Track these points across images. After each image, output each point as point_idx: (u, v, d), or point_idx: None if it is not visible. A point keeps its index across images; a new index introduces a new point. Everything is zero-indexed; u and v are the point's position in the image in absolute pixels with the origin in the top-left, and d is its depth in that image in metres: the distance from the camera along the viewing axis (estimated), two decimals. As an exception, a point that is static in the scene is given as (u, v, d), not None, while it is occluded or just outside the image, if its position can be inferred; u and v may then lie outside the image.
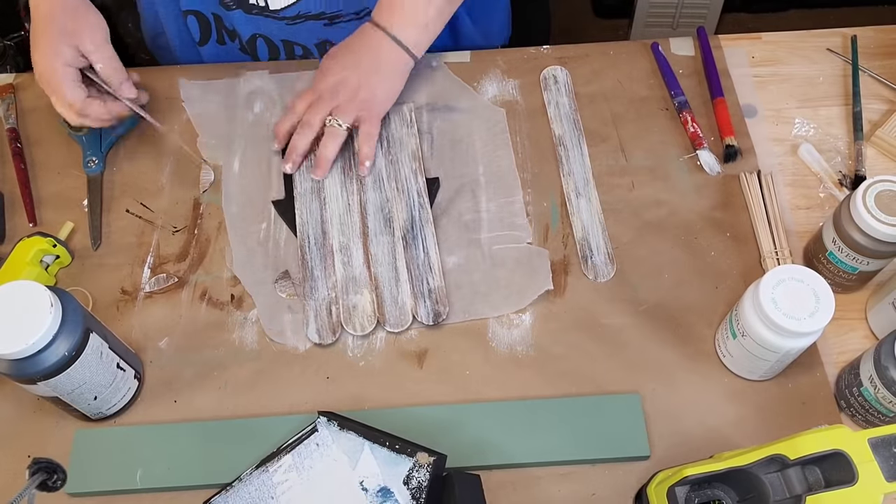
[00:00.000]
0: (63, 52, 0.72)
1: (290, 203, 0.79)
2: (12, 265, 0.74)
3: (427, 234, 0.77)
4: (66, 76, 0.73)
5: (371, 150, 0.79)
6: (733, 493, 0.60)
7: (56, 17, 0.73)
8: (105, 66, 0.74)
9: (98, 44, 0.73)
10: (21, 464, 0.67)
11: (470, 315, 0.74)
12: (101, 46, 0.73)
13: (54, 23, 0.72)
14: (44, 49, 0.72)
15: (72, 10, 0.74)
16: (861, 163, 0.81)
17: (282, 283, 0.76)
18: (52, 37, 0.72)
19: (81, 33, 0.72)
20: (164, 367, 0.73)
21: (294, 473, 0.64)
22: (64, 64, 0.72)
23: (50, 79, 0.73)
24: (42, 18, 0.73)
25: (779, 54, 0.90)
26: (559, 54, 0.90)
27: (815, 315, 0.62)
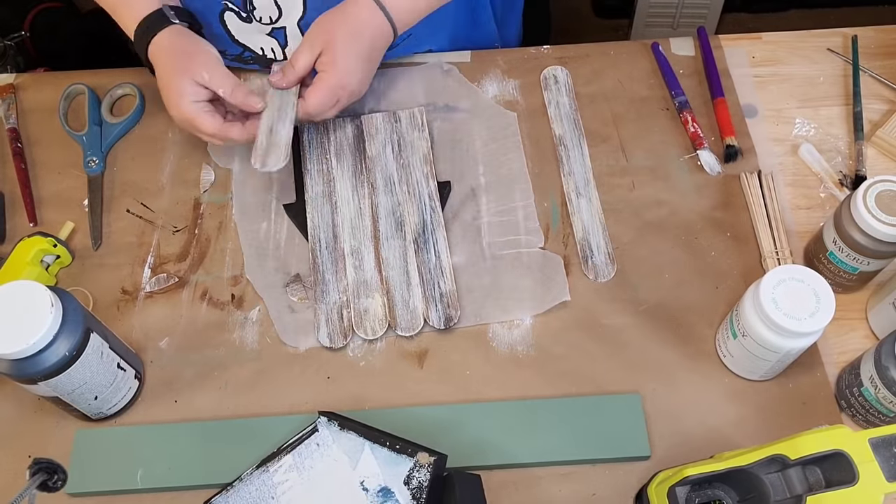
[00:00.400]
0: (185, 92, 0.74)
1: (302, 206, 0.79)
2: (13, 265, 0.74)
3: (438, 238, 0.77)
4: (197, 111, 0.75)
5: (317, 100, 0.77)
6: (734, 494, 0.60)
7: (167, 59, 0.76)
8: (225, 90, 0.75)
9: (212, 71, 0.75)
10: (22, 464, 0.67)
11: (481, 319, 0.74)
12: (215, 73, 0.75)
13: (170, 66, 0.75)
14: (169, 94, 0.75)
15: (181, 50, 0.76)
16: (861, 163, 0.81)
17: (293, 287, 0.76)
18: (172, 80, 0.74)
19: (194, 67, 0.74)
20: (165, 367, 0.73)
21: (294, 473, 0.64)
22: (190, 101, 0.74)
23: (184, 120, 0.75)
24: (161, 67, 0.76)
25: (779, 54, 0.90)
26: (559, 54, 0.90)
27: (816, 315, 0.62)
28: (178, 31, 0.77)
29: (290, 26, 0.83)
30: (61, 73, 0.92)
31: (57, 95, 0.88)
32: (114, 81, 0.89)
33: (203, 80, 0.74)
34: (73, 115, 0.88)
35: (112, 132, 0.86)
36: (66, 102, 0.88)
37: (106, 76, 0.89)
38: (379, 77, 0.88)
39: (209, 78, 0.75)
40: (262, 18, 0.82)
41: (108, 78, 0.89)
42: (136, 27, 0.77)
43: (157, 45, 0.76)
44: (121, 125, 0.86)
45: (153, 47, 0.77)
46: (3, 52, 1.34)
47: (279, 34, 0.84)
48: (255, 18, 0.82)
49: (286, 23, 0.82)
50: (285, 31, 0.83)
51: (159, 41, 0.76)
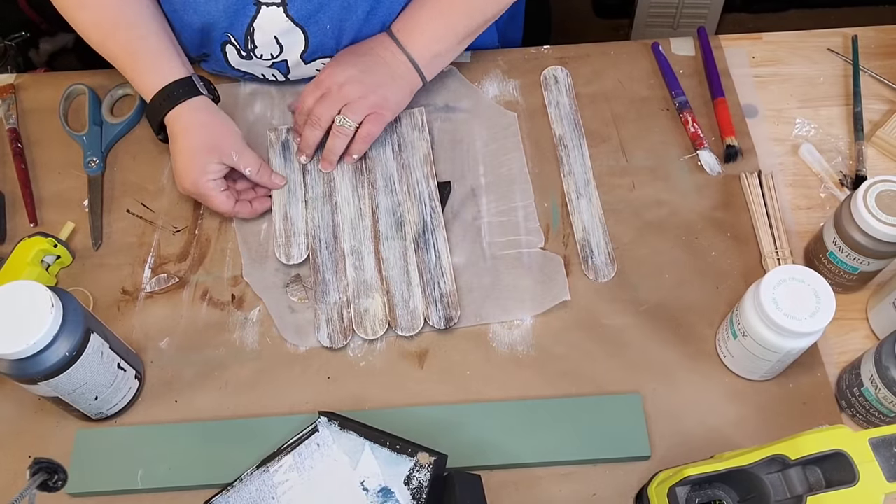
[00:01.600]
0: (210, 170, 0.75)
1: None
2: (13, 265, 0.74)
3: (438, 238, 0.77)
4: (216, 189, 0.76)
5: (364, 148, 0.79)
6: (734, 494, 0.60)
7: (195, 133, 0.76)
8: (252, 170, 0.77)
9: (240, 151, 0.76)
10: (22, 464, 0.67)
11: (481, 319, 0.74)
12: (242, 153, 0.77)
13: (195, 139, 0.75)
14: (190, 168, 0.75)
15: (208, 124, 0.76)
16: (862, 163, 0.81)
17: (293, 287, 0.76)
18: (195, 154, 0.75)
19: (223, 147, 0.75)
20: (165, 367, 0.73)
21: (295, 473, 0.64)
22: (210, 180, 0.75)
23: (198, 192, 0.76)
24: (182, 134, 0.76)
25: (779, 54, 0.90)
26: (559, 54, 0.90)
27: (816, 315, 0.62)
28: (204, 102, 0.77)
29: (291, 59, 0.82)
30: (61, 73, 0.92)
31: (57, 96, 0.88)
32: (114, 82, 0.89)
33: (231, 162, 0.76)
34: (73, 116, 0.88)
35: (112, 132, 0.86)
36: (67, 103, 0.88)
37: (106, 76, 0.89)
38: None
39: (238, 159, 0.76)
40: (263, 56, 0.81)
41: (108, 78, 0.89)
42: (159, 91, 0.76)
43: (180, 115, 0.76)
44: (121, 125, 0.86)
45: (175, 115, 0.76)
46: (4, 53, 1.35)
47: (280, 66, 0.83)
48: (255, 56, 0.81)
49: (287, 57, 0.82)
50: (287, 63, 0.83)
51: (183, 111, 0.76)
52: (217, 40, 0.80)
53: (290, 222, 0.79)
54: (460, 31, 0.79)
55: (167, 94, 0.76)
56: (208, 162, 0.75)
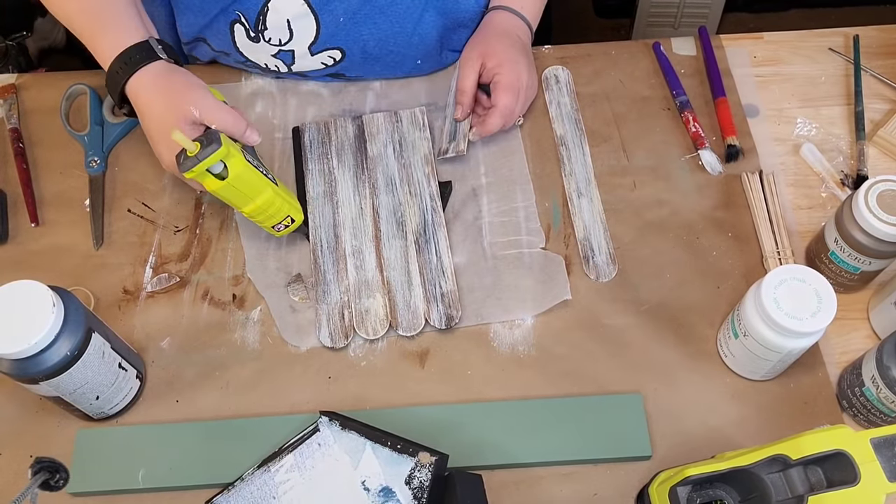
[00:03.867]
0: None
1: (303, 206, 0.79)
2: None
3: (439, 238, 0.77)
4: None
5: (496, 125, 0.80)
6: (735, 494, 0.60)
7: (158, 105, 0.71)
8: (219, 124, 0.70)
9: (201, 105, 0.69)
10: (23, 463, 0.68)
11: (482, 319, 0.74)
12: (205, 107, 0.70)
13: (159, 111, 0.71)
14: (163, 144, 0.71)
15: (168, 89, 0.71)
16: (863, 162, 0.81)
17: (294, 287, 0.76)
18: (163, 124, 0.70)
19: (184, 105, 0.69)
20: (166, 367, 0.73)
21: (296, 473, 0.64)
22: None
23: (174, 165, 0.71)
24: (146, 109, 0.72)
25: (780, 54, 0.90)
26: (560, 54, 0.90)
27: (817, 315, 0.62)
28: (164, 67, 0.72)
29: (299, 49, 0.82)
30: (63, 73, 0.92)
31: (58, 95, 0.88)
32: (115, 81, 0.89)
33: (196, 118, 0.69)
34: (74, 116, 0.88)
35: (113, 132, 0.86)
36: (68, 102, 0.88)
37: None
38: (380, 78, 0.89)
39: (200, 114, 0.69)
40: (272, 40, 0.81)
41: (109, 78, 0.89)
42: (116, 58, 0.71)
43: (141, 87, 0.71)
44: (122, 125, 0.86)
45: (135, 87, 0.71)
46: (5, 53, 1.35)
47: (286, 55, 0.83)
48: (263, 39, 0.81)
49: (295, 46, 0.82)
50: (293, 54, 0.83)
51: (142, 80, 0.71)
52: (228, 17, 0.80)
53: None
54: None
55: (124, 60, 0.71)
56: (175, 126, 0.69)
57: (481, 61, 0.81)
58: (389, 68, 0.87)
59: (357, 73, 0.87)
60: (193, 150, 0.66)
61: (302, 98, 0.88)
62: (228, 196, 0.69)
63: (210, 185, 0.68)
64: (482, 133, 0.81)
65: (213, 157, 0.66)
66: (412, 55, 0.85)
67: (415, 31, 0.83)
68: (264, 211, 0.71)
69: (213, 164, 0.66)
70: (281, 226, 0.74)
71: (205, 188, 0.69)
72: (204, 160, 0.65)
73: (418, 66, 0.87)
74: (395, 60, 0.85)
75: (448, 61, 0.89)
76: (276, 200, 0.71)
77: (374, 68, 0.86)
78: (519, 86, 0.80)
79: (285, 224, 0.74)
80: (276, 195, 0.71)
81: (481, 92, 0.84)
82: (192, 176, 0.67)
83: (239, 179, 0.68)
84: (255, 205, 0.70)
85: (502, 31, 0.83)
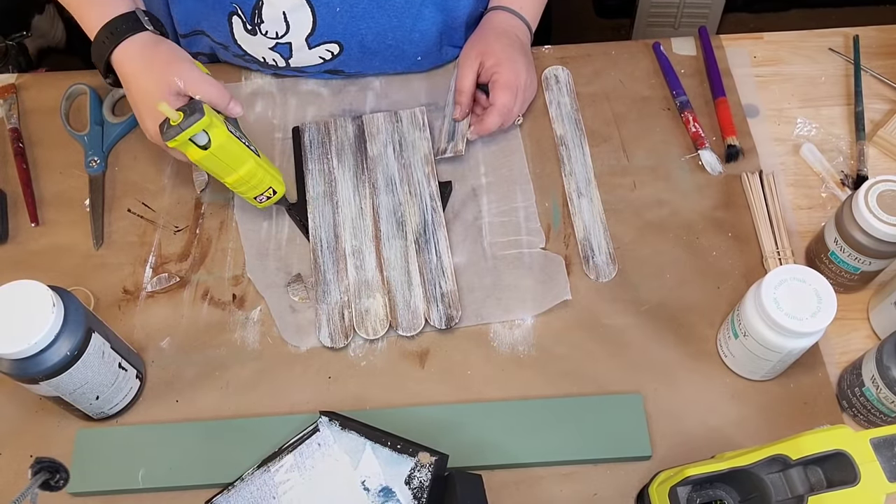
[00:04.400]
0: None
1: (303, 206, 0.79)
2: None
3: (439, 238, 0.77)
4: None
5: (495, 124, 0.80)
6: (735, 494, 0.60)
7: (143, 76, 0.71)
8: (204, 95, 0.70)
9: (186, 77, 0.70)
10: (23, 463, 0.68)
11: (482, 319, 0.74)
12: (189, 78, 0.70)
13: (145, 82, 0.71)
14: (147, 114, 0.71)
15: (153, 60, 0.71)
16: (863, 163, 0.81)
17: (294, 287, 0.76)
18: (149, 100, 0.71)
19: (169, 76, 0.70)
20: (166, 367, 0.73)
21: (296, 473, 0.64)
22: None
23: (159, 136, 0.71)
24: (131, 79, 0.72)
25: (781, 54, 0.90)
26: (560, 54, 0.90)
27: (817, 315, 0.62)
28: (149, 38, 0.72)
29: (296, 42, 0.82)
30: (63, 73, 0.92)
31: (58, 95, 0.88)
32: (115, 81, 0.89)
33: (179, 89, 0.70)
34: (74, 115, 0.88)
35: (113, 132, 0.86)
36: (68, 102, 0.88)
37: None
38: (380, 77, 0.89)
39: (183, 85, 0.70)
40: (268, 33, 0.81)
41: (109, 78, 0.89)
42: (102, 28, 0.71)
43: (126, 57, 0.71)
44: (122, 125, 0.86)
45: (120, 57, 0.71)
46: (5, 53, 1.35)
47: (283, 48, 0.83)
48: (260, 32, 0.81)
49: (292, 38, 0.82)
50: (290, 46, 0.83)
51: (127, 50, 0.71)
52: (226, 9, 0.80)
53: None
54: None
55: (110, 30, 0.71)
56: (161, 98, 0.69)
57: (480, 60, 0.81)
58: (389, 63, 0.86)
59: (356, 68, 0.87)
60: (177, 119, 0.67)
61: (302, 98, 0.88)
62: (211, 166, 0.70)
63: (193, 154, 0.69)
64: (480, 132, 0.81)
65: (196, 127, 0.67)
66: (412, 51, 0.85)
67: (414, 26, 0.83)
68: (247, 182, 0.72)
69: (195, 134, 0.67)
70: (263, 197, 0.75)
71: (188, 158, 0.70)
72: (187, 129, 0.66)
73: (418, 63, 0.87)
74: (395, 55, 0.85)
75: (448, 58, 0.89)
76: (259, 171, 0.72)
77: (373, 63, 0.86)
78: (517, 84, 0.80)
79: (267, 195, 0.75)
80: (258, 166, 0.72)
81: (480, 92, 0.84)
82: (175, 145, 0.68)
83: (222, 149, 0.69)
84: (237, 175, 0.71)
85: (501, 31, 0.83)
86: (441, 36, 0.86)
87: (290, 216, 0.80)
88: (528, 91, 0.83)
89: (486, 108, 0.82)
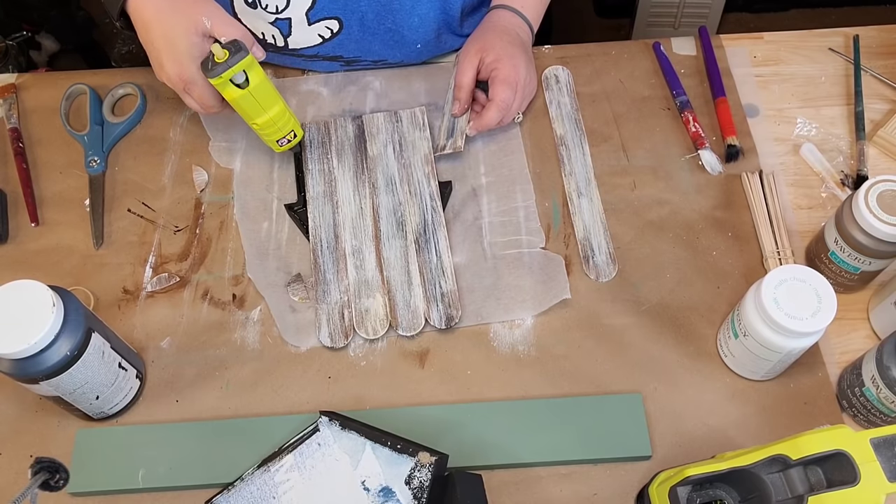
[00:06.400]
0: (195, 53, 0.70)
1: (303, 206, 0.79)
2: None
3: (439, 238, 0.77)
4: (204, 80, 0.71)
5: (493, 119, 0.80)
6: (735, 494, 0.60)
7: (164, 12, 0.70)
8: (231, 35, 0.70)
9: (214, 16, 0.70)
10: (23, 463, 0.68)
11: (482, 319, 0.74)
12: (217, 19, 0.70)
13: (169, 20, 0.69)
14: (170, 51, 0.70)
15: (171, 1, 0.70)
16: (863, 162, 0.81)
17: (294, 287, 0.76)
18: (176, 39, 0.69)
19: (196, 15, 0.69)
20: (166, 367, 0.73)
21: (296, 473, 0.64)
22: (198, 67, 0.70)
23: (184, 81, 0.71)
24: (154, 18, 0.70)
25: (781, 54, 0.90)
26: (560, 54, 0.90)
27: (817, 315, 0.62)
28: None
29: (296, 17, 0.82)
30: (63, 72, 0.92)
31: (58, 95, 0.88)
32: (115, 81, 0.89)
33: (205, 28, 0.69)
34: (74, 115, 0.88)
35: (113, 132, 0.86)
36: (68, 102, 0.88)
37: (107, 76, 0.89)
38: (380, 76, 0.89)
39: (211, 25, 0.69)
40: (268, 7, 0.81)
41: (109, 78, 0.89)
42: None
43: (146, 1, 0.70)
44: (122, 125, 0.86)
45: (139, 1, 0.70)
46: (5, 52, 1.35)
47: (283, 24, 0.83)
48: (260, 5, 0.81)
49: (292, 14, 0.82)
50: (290, 22, 0.82)
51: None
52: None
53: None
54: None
55: None
56: (193, 44, 0.69)
57: (479, 56, 0.81)
58: (388, 47, 0.86)
59: (355, 52, 0.86)
60: (222, 56, 0.68)
61: (302, 98, 0.88)
62: (245, 106, 0.72)
63: (230, 94, 0.70)
64: (479, 127, 0.81)
65: (242, 64, 0.68)
66: (411, 37, 0.85)
67: (413, 9, 0.83)
68: (275, 122, 0.74)
69: (238, 72, 0.69)
70: (285, 140, 0.76)
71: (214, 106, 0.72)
72: (234, 66, 0.68)
73: (418, 51, 0.87)
74: (395, 39, 0.85)
75: (446, 48, 0.89)
76: (286, 113, 0.74)
77: (373, 47, 0.86)
78: (517, 80, 0.80)
79: (288, 139, 0.77)
80: (286, 108, 0.74)
81: (480, 90, 0.84)
82: (219, 83, 0.69)
83: (258, 89, 0.71)
84: (268, 116, 0.73)
85: (501, 29, 0.83)
86: (439, 23, 0.85)
87: (290, 216, 0.80)
88: (527, 88, 0.83)
89: (485, 106, 0.82)
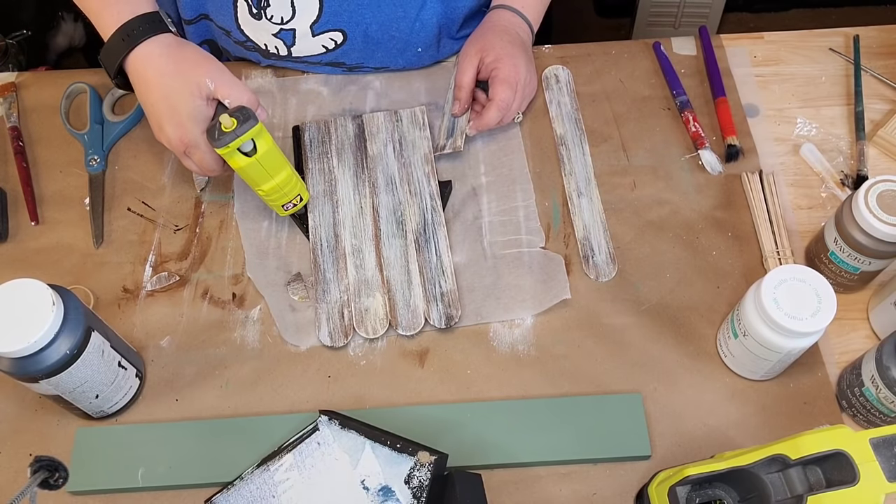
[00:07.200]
0: (199, 117, 0.68)
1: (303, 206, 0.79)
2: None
3: (439, 238, 0.77)
4: (207, 144, 0.69)
5: (493, 119, 0.80)
6: (734, 493, 0.60)
7: (171, 76, 0.68)
8: (235, 98, 0.68)
9: (218, 78, 0.68)
10: (23, 462, 0.68)
11: (482, 318, 0.74)
12: (221, 80, 0.68)
13: (172, 82, 0.67)
14: (172, 115, 0.68)
15: (177, 57, 0.68)
16: (863, 163, 0.81)
17: (294, 286, 0.76)
18: (179, 100, 0.67)
19: (200, 77, 0.67)
20: (166, 366, 0.73)
21: (295, 472, 0.64)
22: (201, 130, 0.68)
23: (186, 144, 0.69)
24: (156, 79, 0.68)
25: (781, 54, 0.90)
26: (561, 53, 0.90)
27: (817, 315, 0.62)
28: (173, 39, 0.70)
29: (300, 28, 0.82)
30: (63, 71, 0.92)
31: (58, 94, 0.88)
32: (115, 80, 0.89)
33: (209, 90, 0.68)
34: (74, 114, 0.88)
35: (113, 131, 0.86)
36: (68, 101, 0.88)
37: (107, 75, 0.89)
38: (380, 76, 0.89)
39: (214, 87, 0.68)
40: (273, 18, 0.81)
41: (109, 77, 0.89)
42: (121, 27, 0.68)
43: (149, 58, 0.68)
44: (122, 124, 0.86)
45: (141, 53, 0.68)
46: (5, 51, 1.35)
47: (287, 35, 0.83)
48: (265, 16, 0.81)
49: (297, 25, 0.82)
50: (294, 33, 0.83)
51: (150, 48, 0.68)
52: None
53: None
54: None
55: (128, 31, 0.67)
56: (196, 107, 0.67)
57: (480, 56, 0.81)
58: (391, 55, 0.86)
59: (357, 60, 0.87)
60: (230, 126, 0.66)
61: (302, 97, 0.88)
62: (252, 173, 0.69)
63: (237, 162, 0.68)
64: (479, 127, 0.81)
65: (251, 133, 0.66)
66: (413, 42, 0.85)
67: (417, 16, 0.83)
68: (282, 188, 0.72)
69: (246, 141, 0.67)
70: (290, 204, 0.75)
71: (216, 170, 0.70)
72: (242, 135, 0.66)
73: (419, 55, 0.87)
74: (397, 47, 0.85)
75: (446, 52, 0.89)
76: (293, 178, 0.73)
77: (376, 55, 0.86)
78: (517, 80, 0.80)
79: (294, 203, 0.75)
80: (293, 173, 0.73)
81: (480, 90, 0.84)
82: (226, 152, 0.67)
83: (266, 156, 0.69)
84: (274, 182, 0.71)
85: (502, 29, 0.83)
86: (440, 27, 0.86)
87: (289, 215, 0.80)
88: (527, 88, 0.83)
89: (485, 106, 0.82)
